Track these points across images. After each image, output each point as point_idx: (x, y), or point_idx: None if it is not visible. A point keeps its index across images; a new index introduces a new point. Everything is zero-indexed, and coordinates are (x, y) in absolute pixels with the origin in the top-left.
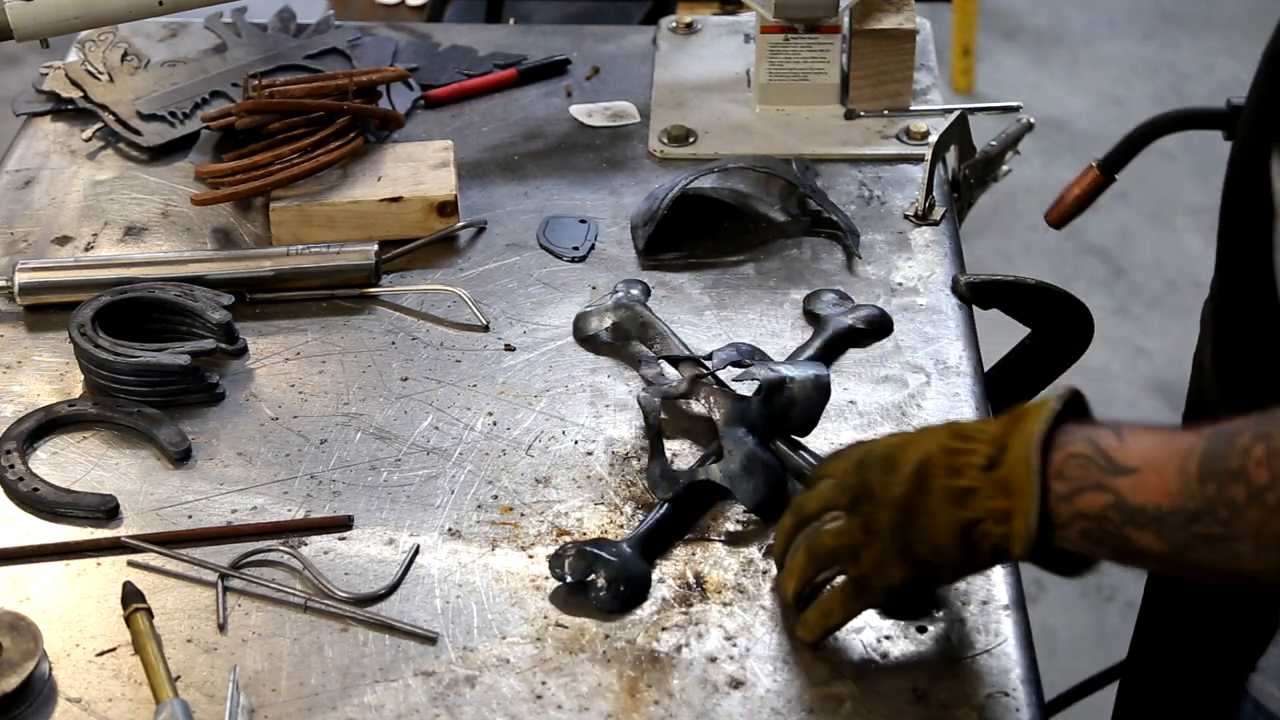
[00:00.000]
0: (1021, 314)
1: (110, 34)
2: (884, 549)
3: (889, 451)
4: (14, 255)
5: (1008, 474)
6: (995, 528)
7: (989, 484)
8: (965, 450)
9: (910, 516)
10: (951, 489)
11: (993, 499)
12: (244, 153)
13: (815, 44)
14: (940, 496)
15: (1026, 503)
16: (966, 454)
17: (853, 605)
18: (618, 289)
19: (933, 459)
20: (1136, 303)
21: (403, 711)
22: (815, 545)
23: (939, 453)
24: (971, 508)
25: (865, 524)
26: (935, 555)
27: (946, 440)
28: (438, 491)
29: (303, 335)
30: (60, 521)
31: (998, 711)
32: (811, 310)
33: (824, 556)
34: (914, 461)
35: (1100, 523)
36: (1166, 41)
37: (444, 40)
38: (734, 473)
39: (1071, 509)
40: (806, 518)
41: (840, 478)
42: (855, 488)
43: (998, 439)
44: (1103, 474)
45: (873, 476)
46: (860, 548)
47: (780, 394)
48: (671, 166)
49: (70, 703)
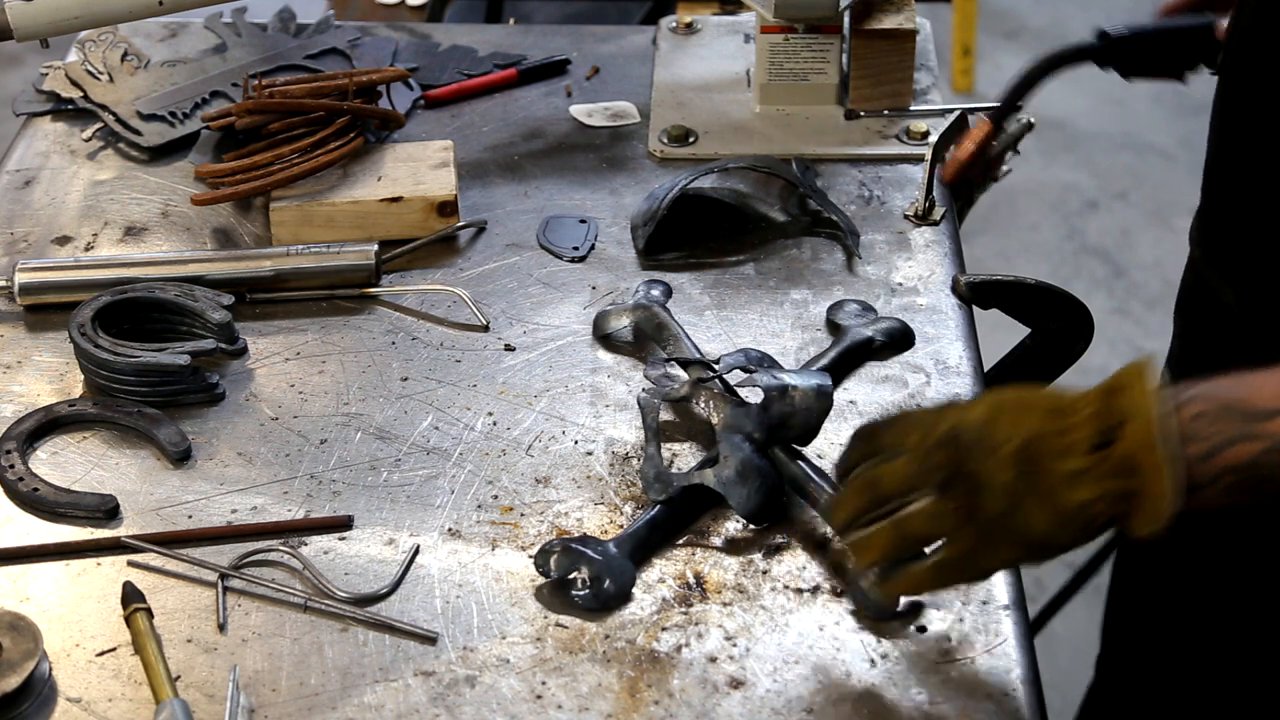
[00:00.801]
0: (1021, 314)
1: (110, 34)
2: (988, 534)
3: (981, 430)
4: (14, 255)
5: (1130, 454)
6: (1111, 507)
7: (1102, 465)
8: (1066, 429)
9: (1019, 502)
10: (1062, 472)
11: (1108, 480)
12: (244, 153)
13: (815, 44)
14: (1050, 480)
15: (1161, 483)
16: (1068, 432)
17: (950, 582)
18: (639, 289)
19: (1037, 440)
20: (1136, 303)
21: (403, 711)
22: (905, 528)
23: (1041, 434)
24: (1086, 488)
25: (962, 507)
26: (1047, 538)
27: (1045, 419)
28: (438, 491)
29: (303, 335)
30: (60, 521)
31: (998, 712)
32: (833, 320)
33: (916, 540)
34: (1017, 443)
35: (1253, 470)
36: None
37: (444, 40)
38: (728, 479)
39: (1213, 467)
40: (885, 496)
41: (924, 455)
42: (946, 467)
43: (1103, 416)
44: (1243, 424)
45: (969, 459)
46: (959, 529)
47: (781, 402)
48: (671, 166)
49: (70, 703)
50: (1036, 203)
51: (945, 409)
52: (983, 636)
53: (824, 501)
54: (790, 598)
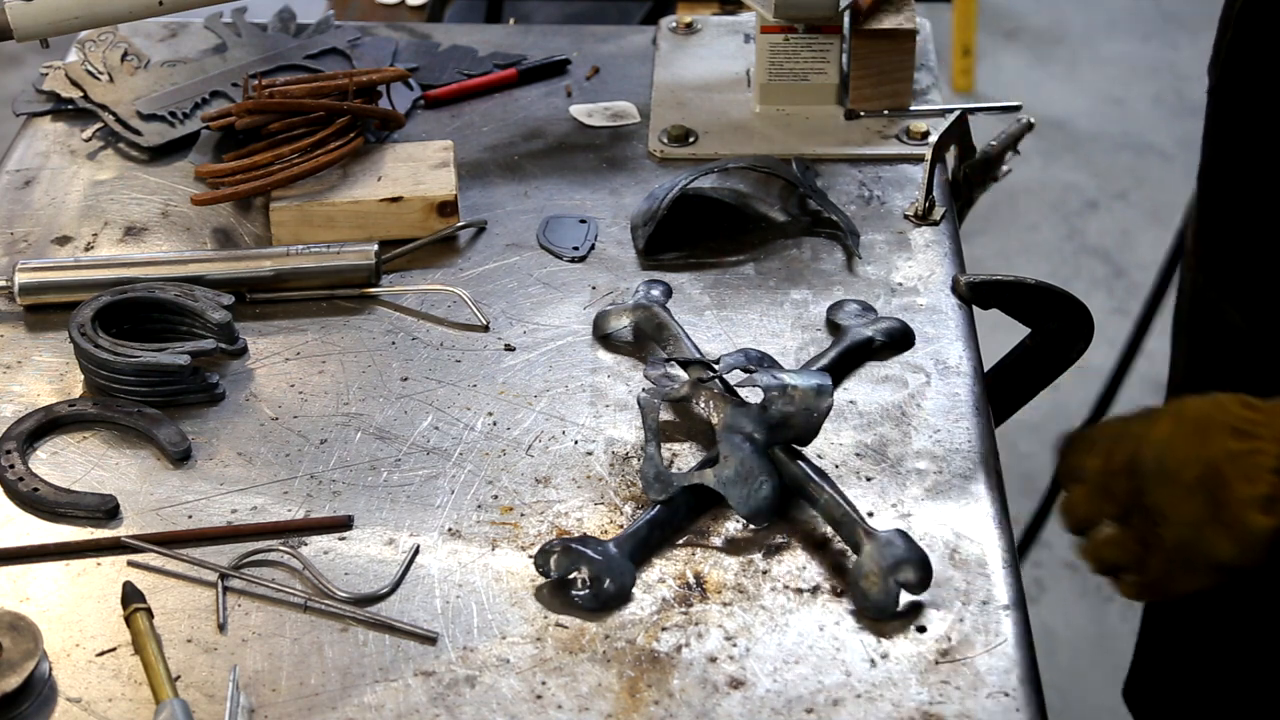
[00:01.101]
0: (1021, 314)
1: (110, 34)
2: (1174, 563)
3: (1160, 457)
4: (14, 255)
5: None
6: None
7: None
8: (1252, 451)
9: (1203, 533)
10: (1249, 498)
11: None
12: (244, 153)
13: (815, 44)
14: (1235, 507)
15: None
16: (1254, 455)
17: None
18: (639, 289)
19: (1219, 468)
20: (1136, 303)
21: (403, 711)
22: (1096, 559)
23: (1224, 459)
24: (1272, 514)
25: (1142, 537)
26: (1235, 561)
27: (1227, 442)
28: (438, 491)
29: (303, 335)
30: (60, 521)
31: (998, 711)
32: (833, 320)
33: (1109, 568)
34: (1197, 471)
35: None
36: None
37: (444, 40)
38: (728, 479)
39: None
40: (1079, 525)
41: (1102, 483)
42: (1124, 498)
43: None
44: None
45: (1149, 489)
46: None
47: (781, 402)
48: (671, 166)
49: (70, 703)
50: (1036, 203)
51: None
52: (983, 636)
53: (823, 501)
54: (790, 598)
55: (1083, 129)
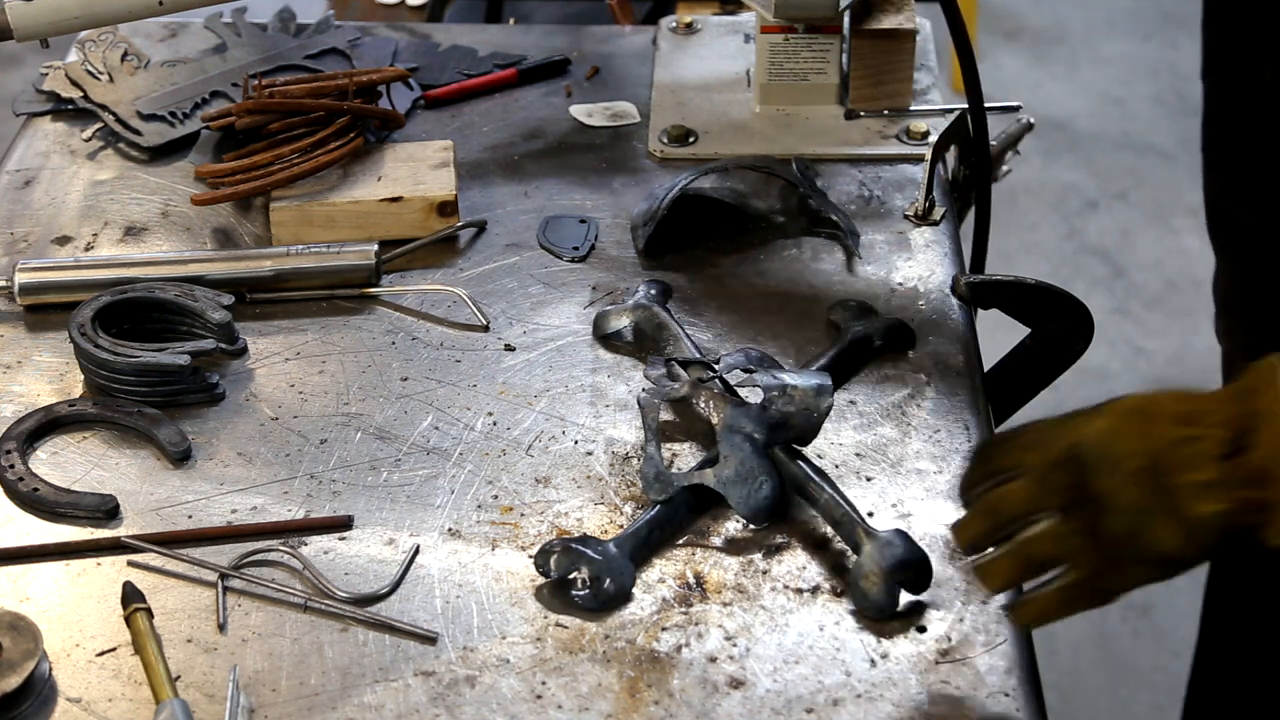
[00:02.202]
0: (1021, 314)
1: (110, 34)
2: (1114, 554)
3: (1103, 445)
4: (14, 255)
5: (1264, 463)
6: (1246, 517)
7: (1235, 474)
8: (1195, 438)
9: (1148, 520)
10: (1193, 484)
11: (1240, 490)
12: (244, 153)
13: (815, 44)
14: (1179, 495)
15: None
16: (1197, 441)
17: (1078, 607)
18: (639, 289)
19: (1162, 455)
20: (1136, 303)
21: (403, 711)
22: (1031, 551)
23: (1167, 446)
24: (1219, 500)
25: (1086, 529)
26: (1179, 552)
27: (1170, 429)
28: (438, 491)
29: (303, 335)
30: (60, 521)
31: (998, 711)
32: (833, 320)
33: (1043, 563)
34: (1140, 459)
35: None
36: (1166, 41)
37: (444, 40)
38: (728, 479)
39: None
40: (1007, 519)
41: (1043, 474)
42: (1068, 489)
43: (1234, 422)
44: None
45: (1092, 478)
46: (1084, 551)
47: (781, 402)
48: (671, 166)
49: (70, 703)
50: (1036, 203)
51: (1066, 421)
52: (983, 636)
53: (823, 501)
54: (790, 598)
55: (1083, 129)
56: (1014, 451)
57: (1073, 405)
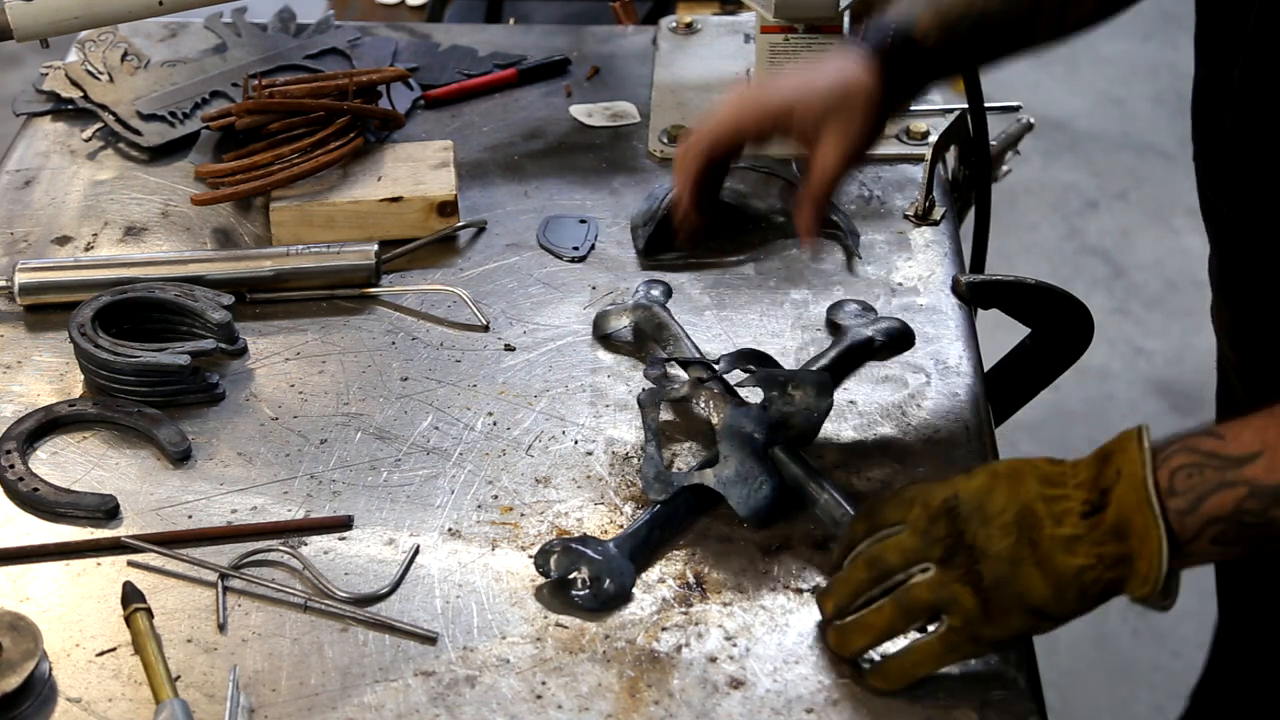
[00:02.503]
0: (1021, 314)
1: (110, 34)
2: (990, 602)
3: (978, 500)
4: (14, 255)
5: (1119, 519)
6: (1107, 572)
7: (1095, 530)
8: (1059, 496)
9: (1017, 569)
10: (1058, 538)
11: (1102, 545)
12: (244, 153)
13: (815, 44)
14: (1047, 546)
15: (1152, 545)
16: (1062, 500)
17: (952, 657)
18: (639, 289)
19: (1032, 507)
20: (1136, 303)
21: (403, 711)
22: (909, 600)
23: (1036, 500)
24: (1080, 554)
25: (963, 577)
26: (1047, 604)
27: (1038, 487)
28: (438, 491)
29: (303, 335)
30: (60, 521)
31: (998, 711)
32: (833, 320)
33: (919, 611)
34: (1013, 511)
35: (1236, 518)
36: (1166, 41)
37: (444, 40)
38: (728, 479)
39: (1198, 519)
40: (889, 571)
41: (923, 528)
42: (946, 539)
43: (1091, 484)
44: (1220, 472)
45: (968, 528)
46: (958, 600)
47: (781, 402)
48: (671, 167)
49: (70, 703)
50: (1036, 203)
51: (943, 481)
52: None
53: (823, 501)
54: (790, 598)
55: (1083, 129)
56: (896, 508)
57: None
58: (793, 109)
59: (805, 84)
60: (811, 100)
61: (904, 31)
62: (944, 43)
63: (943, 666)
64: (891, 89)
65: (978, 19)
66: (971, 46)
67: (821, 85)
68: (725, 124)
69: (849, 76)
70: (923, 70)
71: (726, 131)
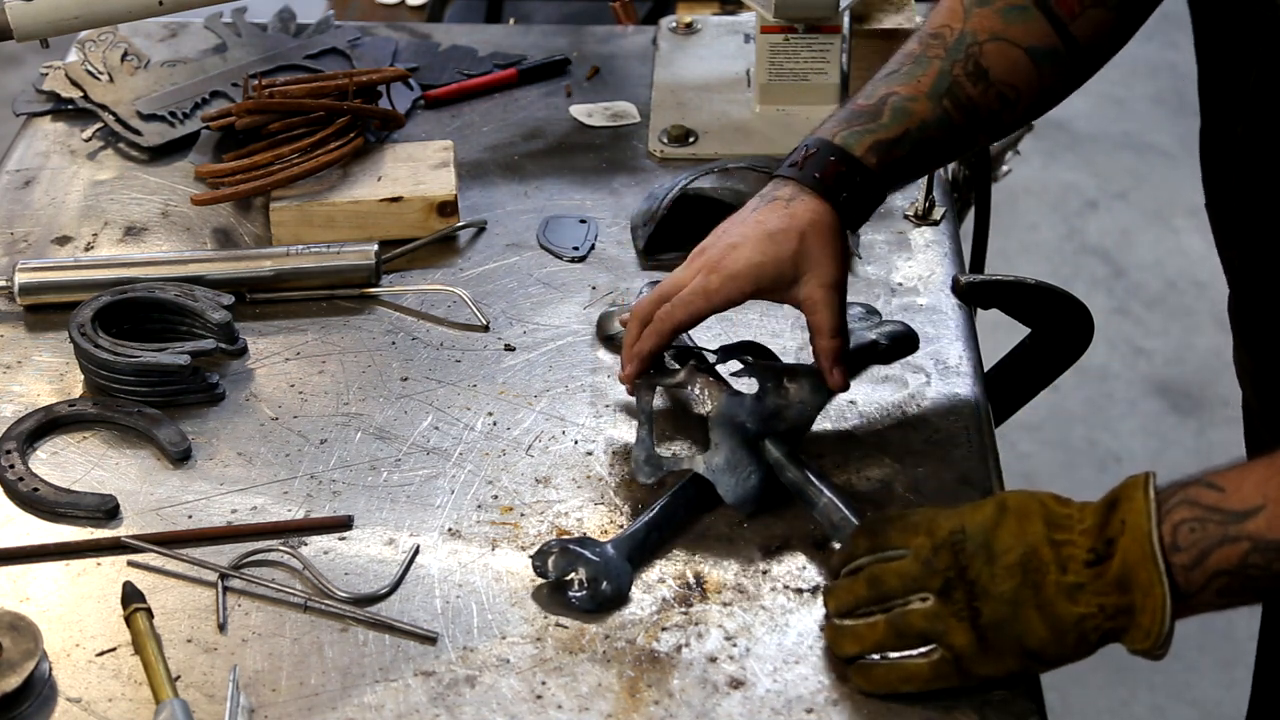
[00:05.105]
0: (1021, 314)
1: (110, 34)
2: (986, 641)
3: (984, 536)
4: (14, 255)
5: (1123, 572)
6: (1107, 622)
7: (1098, 580)
8: (1065, 542)
9: (1018, 612)
10: (1062, 585)
11: (1105, 595)
12: (244, 153)
13: (815, 44)
14: (1050, 592)
15: (1155, 600)
16: (1067, 545)
17: (938, 684)
18: (642, 290)
19: (1038, 550)
20: (1136, 303)
21: (403, 711)
22: (903, 625)
23: (1043, 543)
24: (1082, 603)
25: (960, 612)
26: (1043, 648)
27: (1045, 530)
28: (438, 491)
29: (303, 335)
30: (60, 521)
31: (998, 711)
32: None
33: (912, 637)
34: (1018, 552)
35: (1242, 571)
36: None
37: (444, 40)
38: (718, 466)
39: (1203, 574)
40: (888, 593)
41: (925, 556)
42: (946, 572)
43: (1097, 531)
44: (1223, 527)
45: (972, 565)
46: (951, 635)
47: (775, 394)
48: (671, 166)
49: (70, 703)
50: (1036, 203)
51: (952, 510)
52: None
53: (821, 505)
54: (790, 598)
55: (1083, 129)
56: (902, 532)
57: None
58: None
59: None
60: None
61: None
62: (885, 164)
63: (928, 689)
64: (845, 215)
65: (916, 139)
66: (914, 164)
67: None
68: (693, 303)
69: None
70: (869, 190)
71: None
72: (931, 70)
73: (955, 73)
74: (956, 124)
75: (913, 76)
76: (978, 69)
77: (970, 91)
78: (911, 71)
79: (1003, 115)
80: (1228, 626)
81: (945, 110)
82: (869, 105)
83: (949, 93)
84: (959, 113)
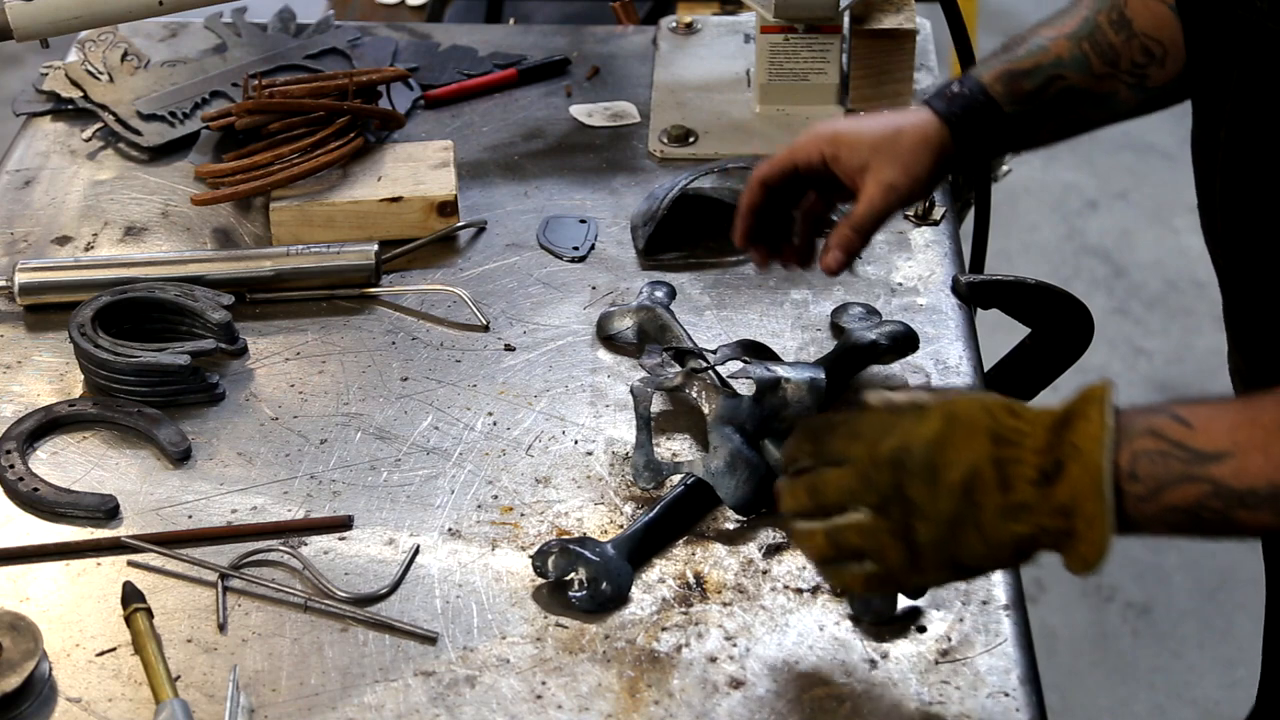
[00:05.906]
0: (1021, 314)
1: (110, 34)
2: (920, 557)
3: (927, 455)
4: (14, 255)
5: (1069, 499)
6: (1046, 540)
7: (1043, 502)
8: (1012, 460)
9: (956, 532)
10: (1003, 505)
11: (1046, 518)
12: (244, 153)
13: (815, 44)
14: (990, 512)
15: (1097, 532)
16: (1014, 464)
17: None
18: (643, 290)
19: (980, 472)
20: (1136, 303)
21: (403, 711)
22: (839, 539)
23: (986, 463)
24: (1024, 523)
25: (894, 530)
26: (978, 563)
27: (991, 447)
28: (438, 491)
29: (303, 335)
30: (60, 521)
31: (998, 711)
32: (837, 323)
33: (847, 551)
34: (960, 474)
35: (1197, 512)
36: None
37: (444, 40)
38: (718, 469)
39: (1156, 506)
40: (825, 506)
41: (864, 470)
42: (885, 490)
43: (1047, 449)
44: (1187, 465)
45: (910, 486)
46: (885, 552)
47: (774, 394)
48: (671, 166)
49: (70, 703)
50: (1036, 203)
51: (897, 419)
52: (983, 636)
53: None
54: (790, 598)
55: None
56: (845, 439)
57: None
58: (839, 139)
59: (859, 120)
60: (860, 133)
61: (970, 79)
62: (1011, 94)
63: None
64: (959, 137)
65: (1050, 74)
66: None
67: (875, 123)
68: (781, 154)
69: (907, 120)
70: (988, 116)
71: (781, 158)
72: (1077, 16)
73: (1099, 19)
74: (1095, 70)
75: (1059, 20)
76: (1121, 18)
77: (1112, 38)
78: (1059, 17)
79: (1149, 70)
80: (1228, 626)
81: (1084, 52)
82: (1011, 42)
83: (1089, 36)
84: (1099, 58)
